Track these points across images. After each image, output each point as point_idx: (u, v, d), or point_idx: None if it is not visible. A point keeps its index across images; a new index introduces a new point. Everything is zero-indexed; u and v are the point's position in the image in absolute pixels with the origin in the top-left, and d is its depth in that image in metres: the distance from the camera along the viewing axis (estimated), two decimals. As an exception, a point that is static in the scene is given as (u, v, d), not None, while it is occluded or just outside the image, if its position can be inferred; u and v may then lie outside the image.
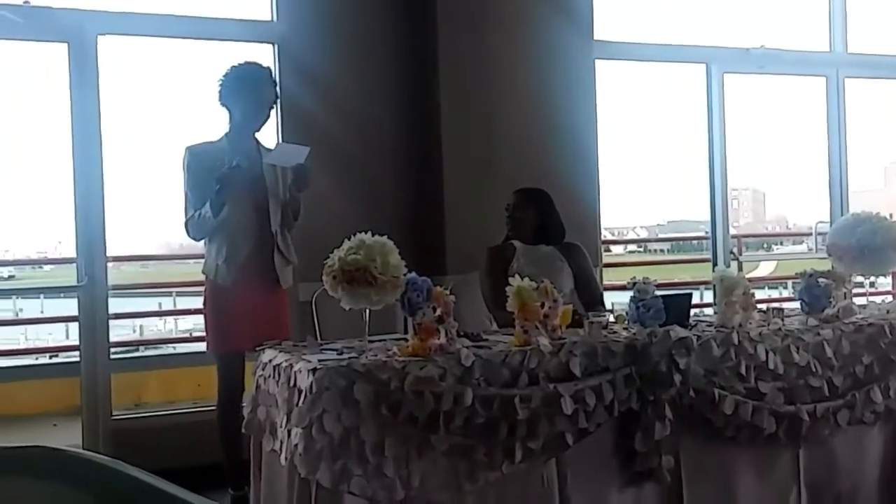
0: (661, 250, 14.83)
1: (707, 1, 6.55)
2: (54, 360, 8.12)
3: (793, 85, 6.57)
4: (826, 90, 6.14)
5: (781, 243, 11.80)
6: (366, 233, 2.83)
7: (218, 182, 3.48)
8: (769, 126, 7.75)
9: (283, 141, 4.27)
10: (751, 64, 5.85)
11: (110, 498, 0.78)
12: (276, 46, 4.74)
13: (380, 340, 2.99)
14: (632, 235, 15.12)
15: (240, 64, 3.73)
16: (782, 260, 8.71)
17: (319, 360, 2.71)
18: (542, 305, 2.95)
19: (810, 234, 6.64)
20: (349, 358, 2.74)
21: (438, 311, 2.80)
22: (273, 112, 3.82)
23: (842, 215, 5.39)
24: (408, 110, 4.93)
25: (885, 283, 8.13)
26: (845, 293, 3.65)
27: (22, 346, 10.43)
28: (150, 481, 0.80)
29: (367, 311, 2.84)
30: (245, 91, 3.68)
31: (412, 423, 2.67)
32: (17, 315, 13.16)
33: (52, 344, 9.75)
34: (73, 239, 4.52)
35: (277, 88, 3.81)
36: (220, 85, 3.71)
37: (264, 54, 4.68)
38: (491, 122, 4.94)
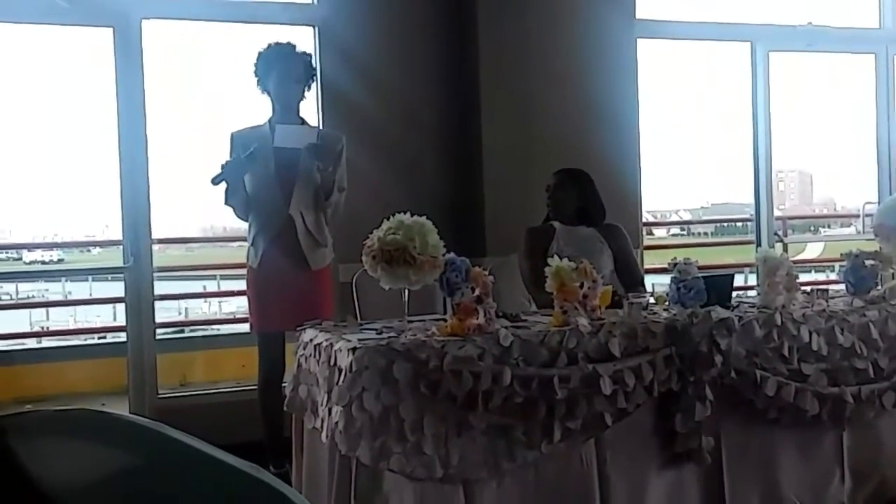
0: (705, 233, 14.66)
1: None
2: (102, 340, 8.29)
3: (841, 63, 6.43)
4: (875, 68, 6.00)
5: (829, 226, 11.59)
6: (405, 213, 2.84)
7: (221, 168, 3.58)
8: (816, 106, 7.60)
9: (320, 126, 4.27)
10: (797, 42, 5.74)
11: (157, 459, 0.81)
12: (316, 29, 4.76)
13: (419, 320, 3.01)
14: (675, 218, 14.95)
15: (265, 47, 3.77)
16: (829, 242, 8.57)
17: (359, 340, 2.74)
18: (582, 286, 2.94)
19: (858, 216, 6.52)
20: (388, 337, 2.76)
21: (477, 292, 2.81)
22: (310, 87, 3.84)
23: (890, 196, 5.27)
24: (448, 91, 4.93)
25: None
26: (893, 274, 3.58)
27: (71, 327, 10.65)
28: (195, 444, 0.82)
29: (407, 291, 2.86)
30: (273, 70, 3.73)
31: (451, 402, 2.69)
32: (66, 297, 13.46)
33: (99, 325, 9.94)
34: (119, 222, 4.60)
35: (313, 63, 3.84)
36: (254, 73, 3.77)
37: (305, 37, 4.70)
38: (531, 102, 4.91)
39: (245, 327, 4.13)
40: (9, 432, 0.78)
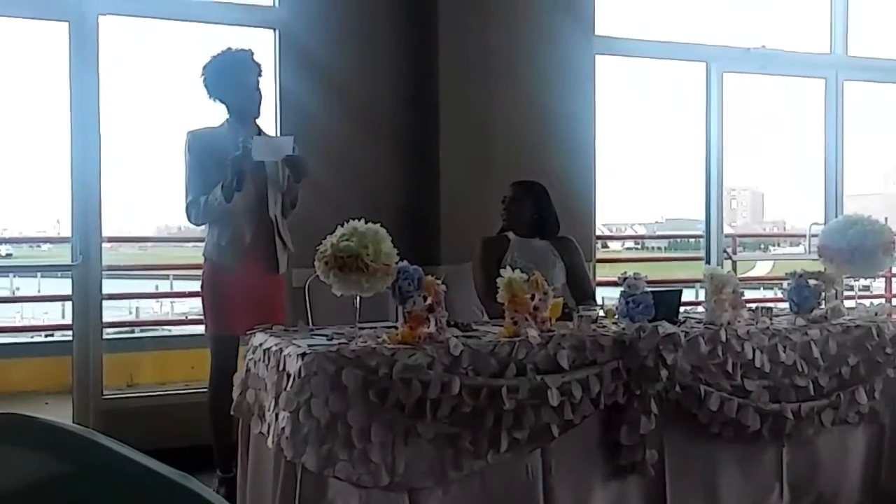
0: (659, 248, 14.86)
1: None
2: (49, 338, 8.14)
3: (792, 86, 6.58)
4: (825, 92, 6.15)
5: (779, 244, 11.84)
6: (359, 220, 2.85)
7: (232, 167, 3.48)
8: (768, 127, 7.76)
9: (283, 134, 4.21)
10: (751, 64, 5.86)
11: (84, 467, 0.80)
12: (276, 32, 4.74)
13: (370, 327, 3.01)
14: (630, 232, 15.13)
15: (218, 54, 3.68)
16: (778, 260, 8.75)
17: (309, 345, 2.74)
18: (533, 297, 2.97)
19: (805, 236, 6.66)
20: (339, 344, 2.76)
21: (429, 301, 2.82)
22: (262, 91, 3.78)
23: (835, 218, 5.40)
24: (407, 100, 4.93)
25: (878, 287, 8.17)
26: (836, 294, 3.67)
27: (18, 324, 10.44)
28: (124, 452, 0.82)
29: (358, 297, 2.86)
30: (231, 79, 3.66)
31: (399, 410, 2.69)
32: (13, 293, 13.19)
33: (47, 322, 9.76)
34: (69, 219, 4.53)
35: (260, 67, 3.76)
36: (204, 80, 3.69)
37: (265, 40, 4.69)
38: (489, 114, 4.94)
39: (196, 329, 4.10)
40: None
